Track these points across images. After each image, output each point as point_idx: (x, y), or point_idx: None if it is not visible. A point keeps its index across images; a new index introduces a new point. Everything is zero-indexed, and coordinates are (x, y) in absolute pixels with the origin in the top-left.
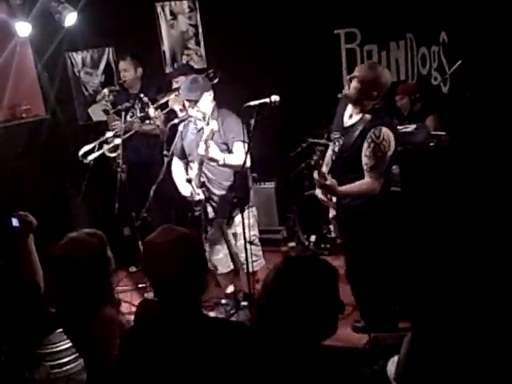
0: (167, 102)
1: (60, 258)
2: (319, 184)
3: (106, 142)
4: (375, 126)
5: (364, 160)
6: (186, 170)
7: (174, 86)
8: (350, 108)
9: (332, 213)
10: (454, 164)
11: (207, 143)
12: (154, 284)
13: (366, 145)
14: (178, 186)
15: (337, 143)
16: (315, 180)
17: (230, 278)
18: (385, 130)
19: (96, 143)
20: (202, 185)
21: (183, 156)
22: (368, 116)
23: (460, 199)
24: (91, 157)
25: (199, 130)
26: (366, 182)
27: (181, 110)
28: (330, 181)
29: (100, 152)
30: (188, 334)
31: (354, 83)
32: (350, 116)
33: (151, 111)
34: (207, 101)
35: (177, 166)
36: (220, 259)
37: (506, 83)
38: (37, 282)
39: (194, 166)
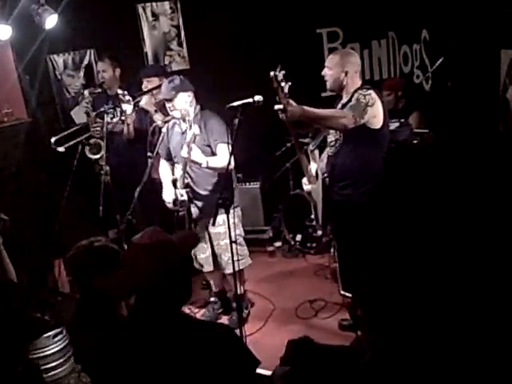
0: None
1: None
2: (284, 108)
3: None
4: (362, 89)
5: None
6: (173, 171)
7: (146, 86)
8: (341, 99)
9: (307, 187)
10: (438, 161)
11: (190, 146)
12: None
13: (353, 99)
14: (163, 190)
15: (333, 149)
16: (278, 108)
17: (220, 277)
18: (372, 91)
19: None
20: (187, 186)
21: (169, 157)
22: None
23: (444, 197)
24: (64, 146)
25: (183, 132)
26: (340, 111)
27: (155, 111)
28: (293, 106)
29: (73, 142)
30: (162, 339)
31: (327, 72)
32: (341, 104)
33: (129, 108)
34: (183, 101)
35: (163, 167)
36: (206, 258)
37: (488, 80)
38: (10, 280)
39: (179, 167)
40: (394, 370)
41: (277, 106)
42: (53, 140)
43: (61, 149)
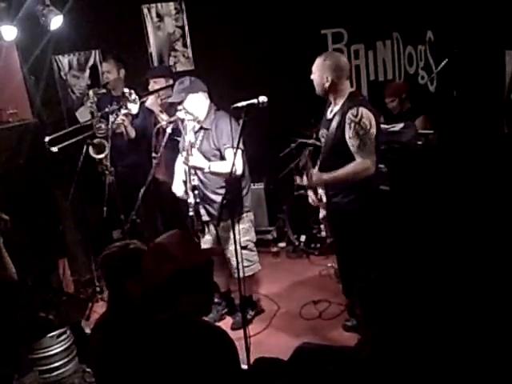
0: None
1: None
2: (309, 186)
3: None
4: (351, 108)
5: (350, 143)
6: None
7: (153, 86)
8: (331, 104)
9: (322, 213)
10: (442, 163)
11: (188, 153)
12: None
13: (347, 127)
14: (173, 183)
15: (323, 140)
16: (306, 185)
17: (227, 278)
18: (362, 109)
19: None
20: (194, 188)
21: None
22: (346, 103)
23: (448, 198)
24: (57, 147)
25: (196, 132)
26: (357, 162)
27: (160, 111)
28: (315, 176)
29: (67, 143)
30: (157, 341)
31: (312, 76)
32: (331, 111)
33: (135, 108)
34: (194, 102)
35: (179, 162)
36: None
37: (492, 81)
38: (11, 277)
39: None
40: (390, 367)
41: (299, 181)
42: (47, 139)
43: (54, 149)
